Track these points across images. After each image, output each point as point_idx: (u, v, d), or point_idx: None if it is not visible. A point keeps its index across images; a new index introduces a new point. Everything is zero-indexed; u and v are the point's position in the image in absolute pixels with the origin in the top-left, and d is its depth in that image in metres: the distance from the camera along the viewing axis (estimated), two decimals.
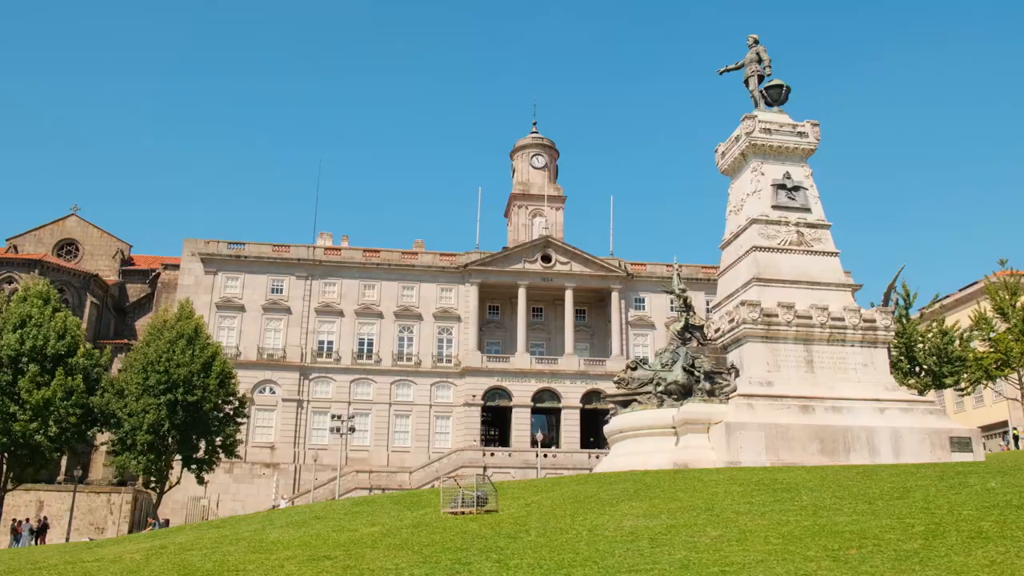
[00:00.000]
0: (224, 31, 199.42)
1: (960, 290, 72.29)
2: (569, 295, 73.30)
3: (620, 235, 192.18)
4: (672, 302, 75.95)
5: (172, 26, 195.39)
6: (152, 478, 49.40)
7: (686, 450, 23.17)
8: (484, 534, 11.92)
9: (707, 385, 24.31)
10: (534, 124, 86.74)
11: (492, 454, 64.40)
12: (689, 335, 26.38)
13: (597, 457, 65.09)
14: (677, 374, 24.70)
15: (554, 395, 71.64)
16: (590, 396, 71.93)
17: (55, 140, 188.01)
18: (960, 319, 57.56)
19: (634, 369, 26.64)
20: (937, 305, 56.97)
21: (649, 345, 74.74)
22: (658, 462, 22.92)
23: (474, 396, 70.13)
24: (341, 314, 71.72)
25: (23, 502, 57.69)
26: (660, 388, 24.82)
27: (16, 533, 46.92)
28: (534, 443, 68.21)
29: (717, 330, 26.63)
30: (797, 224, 27.16)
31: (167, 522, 51.54)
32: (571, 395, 71.45)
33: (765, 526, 10.78)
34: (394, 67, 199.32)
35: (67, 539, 51.39)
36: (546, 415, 72.75)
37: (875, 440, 23.22)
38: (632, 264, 76.12)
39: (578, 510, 13.42)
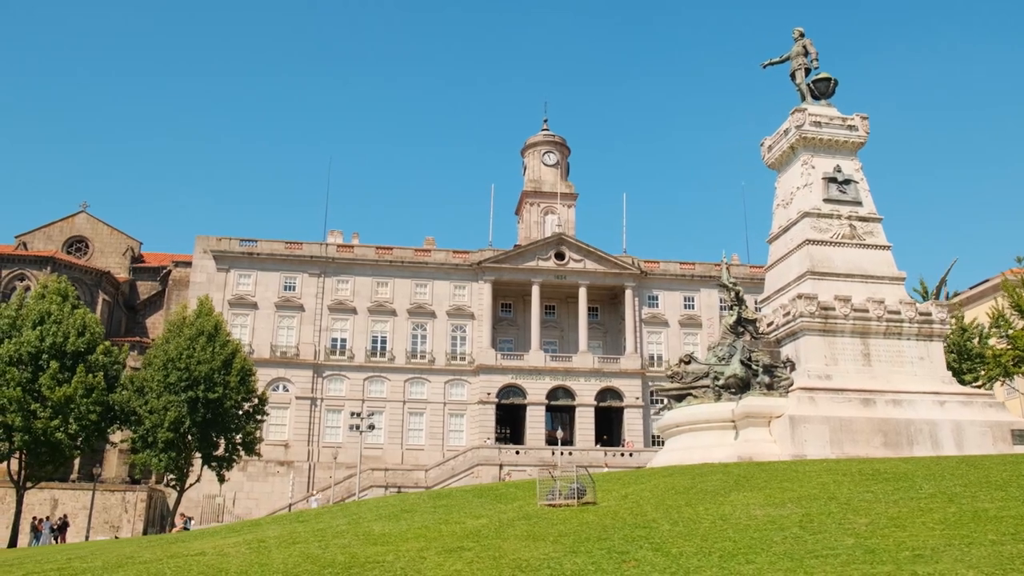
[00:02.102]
0: (234, 30, 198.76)
1: (971, 288, 72.45)
2: (583, 292, 73.09)
3: (631, 233, 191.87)
4: (687, 299, 76.13)
5: (181, 25, 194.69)
6: (172, 476, 48.92)
7: (748, 443, 23.00)
8: (610, 524, 11.69)
9: (766, 379, 24.13)
10: (545, 122, 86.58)
11: (508, 452, 64.07)
12: (742, 329, 26.15)
13: (613, 455, 65.08)
14: (735, 368, 24.49)
15: (568, 393, 71.41)
16: (604, 394, 71.79)
17: (64, 138, 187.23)
18: (977, 315, 57.65)
19: (687, 363, 26.43)
20: (955, 300, 57.10)
21: (663, 343, 74.72)
22: (719, 456, 22.73)
23: (489, 394, 69.85)
24: (354, 311, 71.35)
25: (37, 500, 57.21)
26: (719, 382, 24.61)
27: (36, 531, 46.47)
28: (548, 441, 68.01)
29: (770, 324, 26.48)
30: (849, 217, 27.05)
31: (189, 520, 51.10)
32: (585, 393, 71.23)
33: (908, 513, 10.60)
34: (403, 65, 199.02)
35: (86, 538, 50.90)
36: (560, 413, 72.51)
37: (937, 433, 23.13)
38: (645, 262, 75.96)
39: (689, 500, 13.19)
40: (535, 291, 72.45)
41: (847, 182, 27.54)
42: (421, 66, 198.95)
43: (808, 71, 29.62)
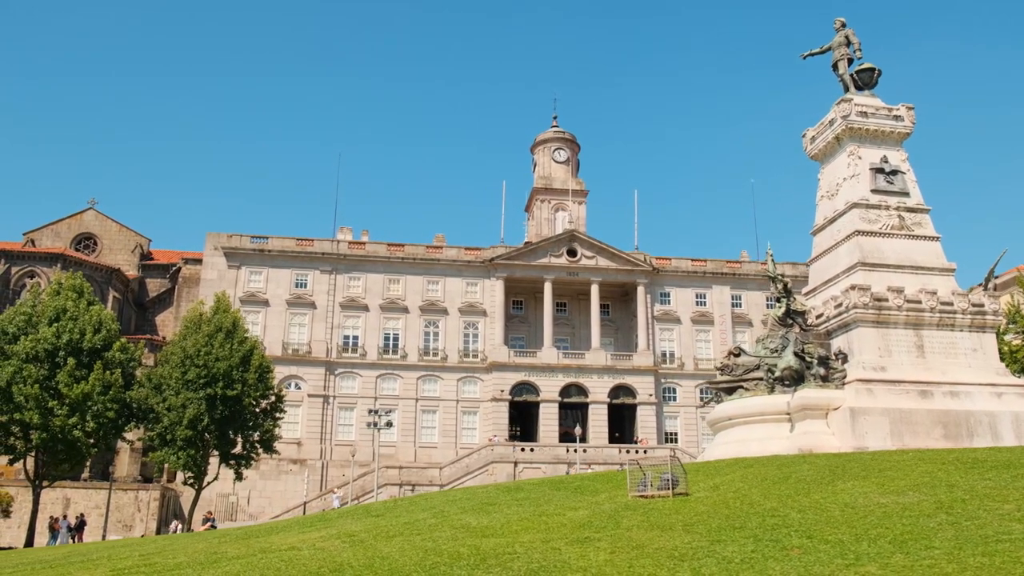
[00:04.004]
0: (242, 29, 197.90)
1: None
2: (595, 289, 72.74)
3: (641, 229, 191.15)
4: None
5: (190, 24, 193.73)
6: (190, 474, 48.34)
7: (806, 436, 22.70)
8: (729, 513, 11.33)
9: (821, 371, 23.81)
10: (554, 118, 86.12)
11: (522, 449, 63.69)
12: (791, 321, 25.81)
13: (627, 452, 64.76)
14: (789, 360, 24.14)
15: (581, 390, 71.04)
16: (617, 391, 71.43)
17: (72, 135, 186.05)
18: None
19: (737, 356, 26.10)
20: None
21: (675, 340, 74.43)
22: (775, 448, 22.44)
23: (502, 391, 69.43)
24: (366, 309, 70.85)
25: (50, 499, 56.53)
26: (774, 374, 24.27)
27: (54, 530, 45.93)
28: (563, 438, 67.68)
29: (819, 316, 26.17)
30: (897, 208, 26.80)
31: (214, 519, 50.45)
32: (598, 390, 70.86)
33: None
34: (412, 63, 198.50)
35: (103, 537, 50.34)
36: (573, 410, 72.09)
37: (997, 425, 22.90)
38: (657, 259, 75.67)
39: (797, 490, 12.83)
40: (547, 288, 72.06)
41: (894, 172, 27.28)
42: (430, 64, 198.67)
43: (851, 61, 29.34)
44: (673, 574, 7.91)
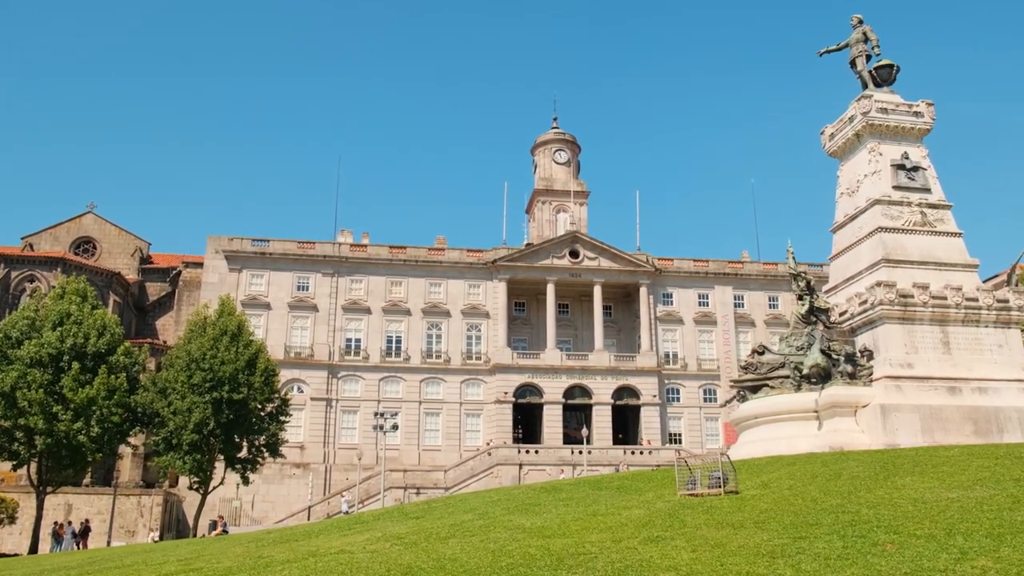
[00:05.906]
0: (242, 29, 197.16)
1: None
2: (597, 290, 72.58)
3: (642, 230, 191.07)
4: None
5: (190, 25, 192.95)
6: (196, 479, 47.88)
7: (835, 434, 22.55)
8: (793, 510, 11.11)
9: (848, 368, 23.67)
10: (555, 119, 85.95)
11: (527, 451, 63.44)
12: (814, 318, 25.66)
13: (632, 453, 64.60)
14: (816, 357, 23.98)
15: (584, 391, 70.82)
16: (621, 392, 71.25)
17: (70, 138, 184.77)
18: None
19: (761, 354, 25.94)
20: None
21: (678, 340, 74.32)
22: (804, 446, 22.27)
23: (505, 393, 69.15)
24: (368, 311, 70.48)
25: (51, 505, 55.77)
26: (802, 372, 24.10)
27: (58, 536, 45.44)
28: (568, 440, 67.45)
29: (843, 313, 26.04)
30: (919, 204, 26.71)
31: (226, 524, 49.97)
32: (602, 391, 70.67)
33: None
34: (412, 64, 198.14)
35: (108, 543, 49.77)
36: (576, 412, 71.88)
37: None
38: (659, 259, 75.57)
39: (854, 487, 12.62)
40: (550, 289, 71.83)
41: (915, 169, 27.19)
42: (430, 64, 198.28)
43: (869, 58, 29.27)
44: (772, 571, 7.69)
